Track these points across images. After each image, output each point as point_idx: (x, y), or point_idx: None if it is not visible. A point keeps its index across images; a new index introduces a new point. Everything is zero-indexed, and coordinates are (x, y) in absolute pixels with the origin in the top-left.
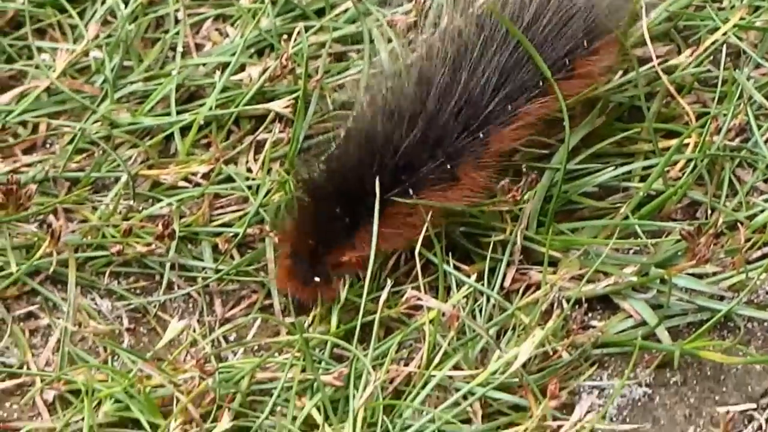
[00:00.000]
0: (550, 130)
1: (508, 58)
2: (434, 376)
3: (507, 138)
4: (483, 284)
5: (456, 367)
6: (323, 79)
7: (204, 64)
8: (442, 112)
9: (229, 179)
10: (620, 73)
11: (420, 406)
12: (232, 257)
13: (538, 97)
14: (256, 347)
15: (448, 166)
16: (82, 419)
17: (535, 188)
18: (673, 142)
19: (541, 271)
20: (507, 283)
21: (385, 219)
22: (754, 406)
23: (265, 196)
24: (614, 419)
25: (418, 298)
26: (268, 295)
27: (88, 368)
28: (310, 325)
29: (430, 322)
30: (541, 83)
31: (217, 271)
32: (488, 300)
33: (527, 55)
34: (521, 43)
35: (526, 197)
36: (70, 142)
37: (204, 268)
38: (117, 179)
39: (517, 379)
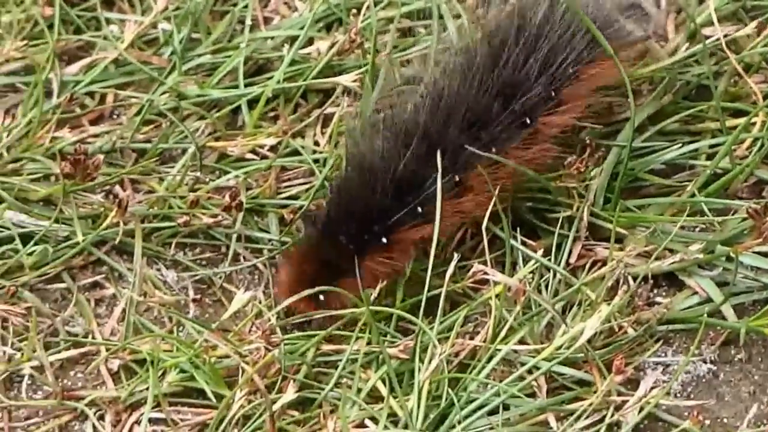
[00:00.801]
0: (617, 108)
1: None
2: (500, 350)
3: (517, 156)
4: (549, 259)
5: (521, 342)
6: (391, 54)
7: (272, 38)
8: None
9: (296, 152)
10: (685, 47)
11: (485, 380)
12: (297, 229)
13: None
14: (321, 319)
15: (457, 178)
16: (147, 388)
17: (601, 164)
18: (740, 120)
19: (607, 248)
20: (573, 259)
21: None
22: None
23: (331, 170)
24: (678, 395)
25: (485, 273)
26: None
27: (153, 338)
28: (376, 298)
29: (496, 296)
30: (553, 93)
31: (283, 242)
32: (554, 275)
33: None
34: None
35: (592, 173)
36: (138, 113)
37: (270, 240)
38: (184, 151)
39: (582, 355)
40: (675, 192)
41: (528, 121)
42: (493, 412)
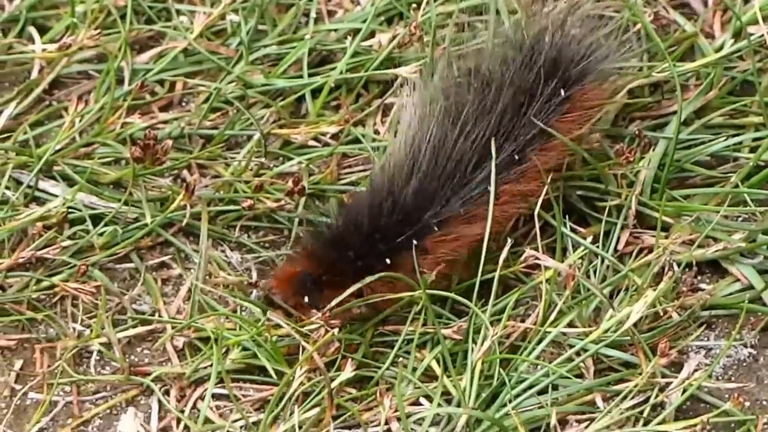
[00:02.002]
0: (665, 102)
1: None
2: (549, 332)
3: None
4: (598, 246)
5: (570, 325)
6: (449, 47)
7: (336, 30)
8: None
9: (357, 140)
10: (731, 44)
11: (535, 361)
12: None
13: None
14: (379, 300)
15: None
16: (210, 365)
17: (648, 153)
18: None
19: (653, 236)
20: (621, 246)
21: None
22: None
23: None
24: (720, 378)
25: (536, 258)
26: None
27: (217, 317)
28: (432, 282)
29: (547, 281)
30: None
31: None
32: (602, 261)
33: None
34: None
35: (640, 163)
36: (206, 100)
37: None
38: (249, 137)
39: (628, 338)
40: (719, 183)
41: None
42: (542, 391)
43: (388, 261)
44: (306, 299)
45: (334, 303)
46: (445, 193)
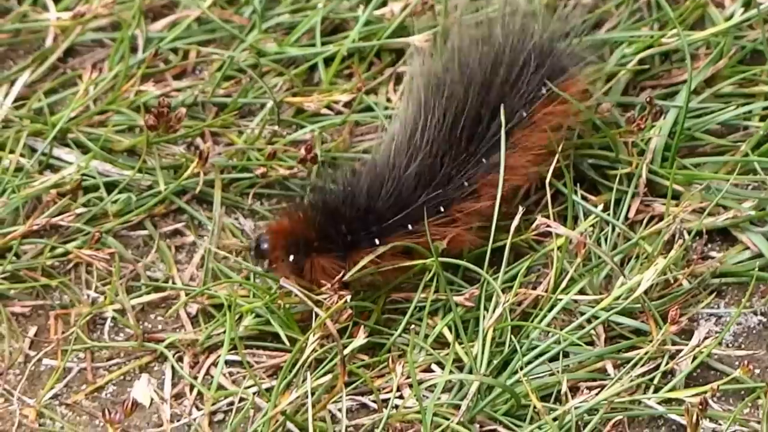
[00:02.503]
0: (676, 71)
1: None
2: (560, 299)
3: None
4: (609, 214)
5: (581, 292)
6: (461, 16)
7: None
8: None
9: (369, 108)
10: (741, 13)
11: (546, 328)
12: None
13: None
14: (391, 268)
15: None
16: (224, 332)
17: (659, 121)
18: None
19: (664, 204)
20: (632, 214)
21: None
22: None
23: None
24: (730, 345)
25: (548, 226)
26: None
27: (230, 284)
28: (443, 249)
29: (558, 248)
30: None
31: None
32: (613, 229)
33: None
34: None
35: (650, 131)
36: (219, 69)
37: None
38: (262, 105)
39: (639, 305)
40: (729, 151)
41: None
42: (553, 359)
43: (377, 241)
44: (291, 258)
45: (351, 273)
46: (445, 172)
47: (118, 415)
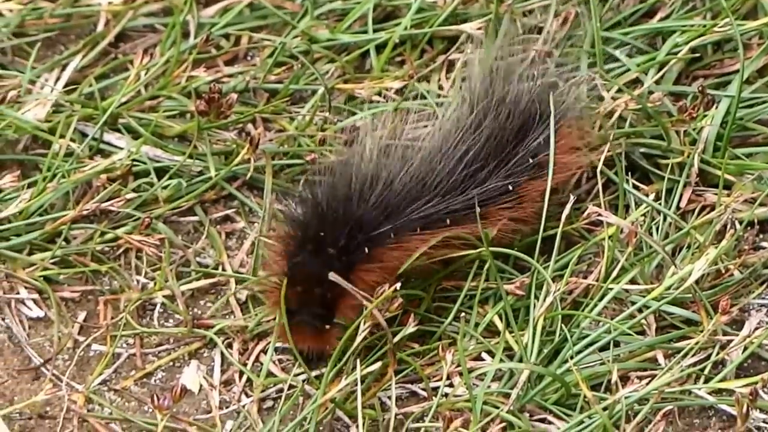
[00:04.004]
0: (728, 61)
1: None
2: (611, 289)
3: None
4: (660, 203)
5: (632, 282)
6: (514, 4)
7: None
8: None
9: (421, 96)
10: None
11: (597, 317)
12: None
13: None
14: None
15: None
16: (273, 318)
17: (711, 111)
18: None
19: (715, 193)
20: (683, 204)
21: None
22: None
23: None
24: None
25: (599, 215)
26: None
27: None
28: (493, 238)
29: (609, 237)
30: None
31: None
32: (665, 219)
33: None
34: None
35: (702, 121)
36: (270, 55)
37: None
38: (314, 92)
39: (690, 295)
40: None
41: None
42: (604, 348)
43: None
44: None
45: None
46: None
47: (167, 401)
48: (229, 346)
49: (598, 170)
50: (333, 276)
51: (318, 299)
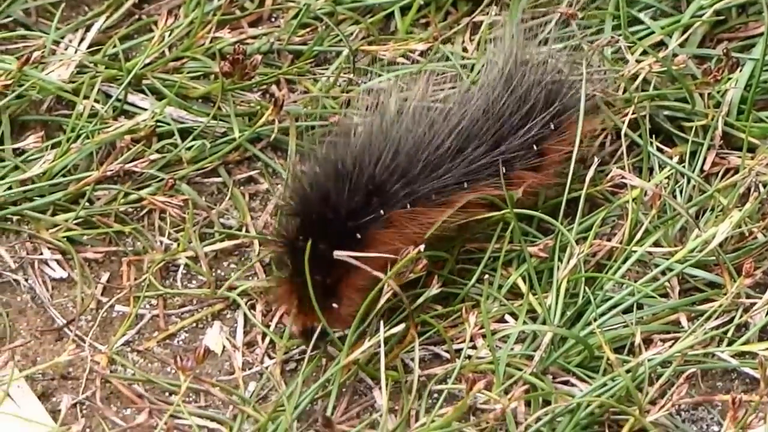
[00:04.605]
0: (753, 24)
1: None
2: (635, 251)
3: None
4: (684, 166)
5: (656, 244)
6: None
7: None
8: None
9: (445, 58)
10: None
11: (620, 280)
12: None
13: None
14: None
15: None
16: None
17: (735, 73)
18: None
19: (739, 156)
20: (707, 166)
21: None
22: None
23: (478, 75)
24: None
25: (623, 177)
26: None
27: None
28: (518, 200)
29: (633, 200)
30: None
31: None
32: (689, 181)
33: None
34: None
35: (726, 84)
36: (295, 16)
37: None
38: (338, 53)
39: (713, 258)
40: None
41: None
42: (627, 310)
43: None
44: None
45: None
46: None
47: (190, 363)
48: (252, 307)
49: (623, 133)
50: (338, 254)
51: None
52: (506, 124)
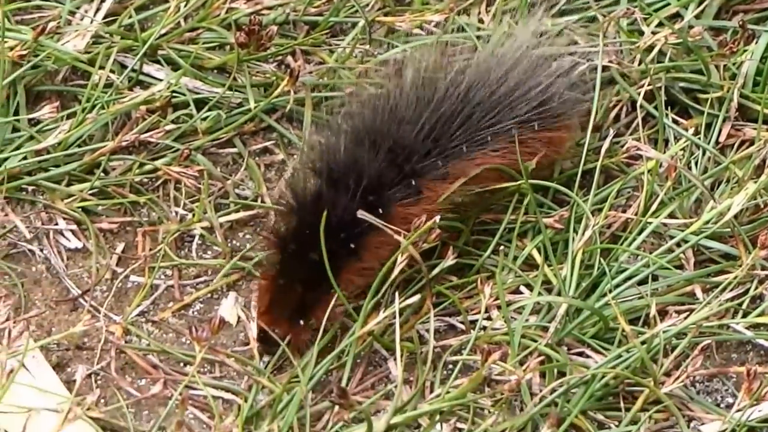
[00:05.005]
0: None
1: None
2: (650, 223)
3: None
4: (700, 138)
5: (671, 216)
6: None
7: None
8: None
9: (461, 29)
10: None
11: (635, 251)
12: None
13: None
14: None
15: (413, 182)
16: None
17: (751, 45)
18: None
19: (755, 128)
20: (722, 138)
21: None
22: None
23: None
24: None
25: (638, 149)
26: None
27: None
28: (533, 170)
29: (649, 171)
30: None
31: None
32: (704, 153)
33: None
34: None
35: (742, 55)
36: None
37: None
38: (354, 24)
39: (728, 229)
40: None
41: None
42: (642, 282)
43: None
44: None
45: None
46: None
47: (205, 333)
48: None
49: (638, 104)
50: (362, 213)
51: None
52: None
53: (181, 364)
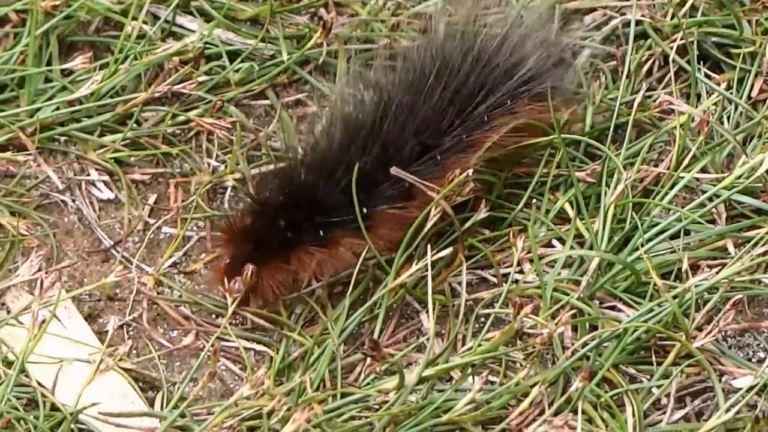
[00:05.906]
0: None
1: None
2: (682, 177)
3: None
4: (732, 93)
5: (703, 170)
6: None
7: None
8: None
9: None
10: None
11: (667, 206)
12: None
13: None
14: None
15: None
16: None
17: None
18: None
19: None
20: (754, 93)
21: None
22: None
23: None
24: None
25: (671, 103)
26: None
27: None
28: (565, 123)
29: (681, 126)
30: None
31: None
32: (736, 108)
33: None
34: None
35: None
36: None
37: None
38: None
39: (761, 184)
40: None
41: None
42: (674, 236)
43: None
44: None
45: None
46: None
47: (237, 285)
48: None
49: (671, 59)
50: (395, 170)
51: None
52: None
53: (213, 316)
